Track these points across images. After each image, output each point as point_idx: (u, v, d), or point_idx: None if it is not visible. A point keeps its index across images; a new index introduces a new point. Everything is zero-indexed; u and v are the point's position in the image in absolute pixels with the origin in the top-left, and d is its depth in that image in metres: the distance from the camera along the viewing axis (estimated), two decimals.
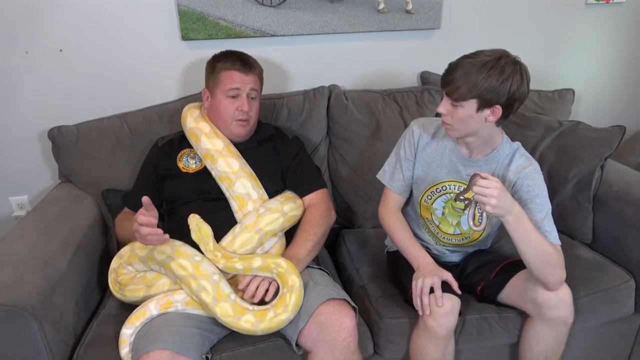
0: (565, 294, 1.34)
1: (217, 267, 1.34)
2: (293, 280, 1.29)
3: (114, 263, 1.46)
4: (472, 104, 1.26)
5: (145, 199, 1.27)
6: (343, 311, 1.27)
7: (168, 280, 1.35)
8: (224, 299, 1.27)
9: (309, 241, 1.46)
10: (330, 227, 1.56)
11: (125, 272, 1.43)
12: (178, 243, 1.35)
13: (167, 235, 1.29)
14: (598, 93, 2.32)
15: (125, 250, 1.46)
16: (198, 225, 1.38)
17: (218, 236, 1.41)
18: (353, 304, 1.32)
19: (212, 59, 1.57)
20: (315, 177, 1.63)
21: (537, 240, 1.26)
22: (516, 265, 1.42)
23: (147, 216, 1.27)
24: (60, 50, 1.75)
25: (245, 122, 1.53)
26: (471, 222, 1.35)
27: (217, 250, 1.36)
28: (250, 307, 1.28)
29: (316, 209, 1.53)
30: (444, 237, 1.52)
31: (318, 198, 1.57)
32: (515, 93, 1.24)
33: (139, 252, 1.40)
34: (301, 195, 1.56)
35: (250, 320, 1.25)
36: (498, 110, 1.26)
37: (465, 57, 1.27)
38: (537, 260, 1.27)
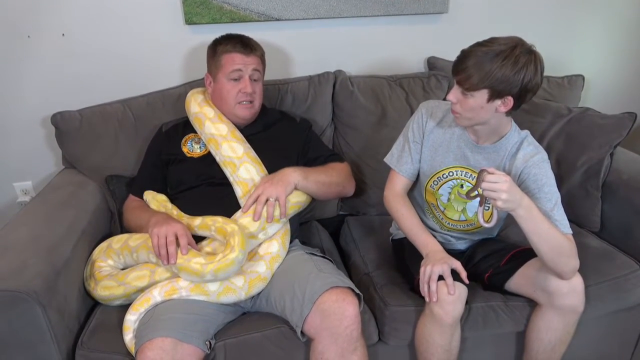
0: (577, 282, 1.33)
1: None
2: (232, 227, 1.32)
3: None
4: (483, 94, 1.23)
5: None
6: (346, 299, 1.26)
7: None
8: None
9: (321, 173, 1.50)
10: (344, 191, 1.60)
11: (106, 267, 1.44)
12: None
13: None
14: (608, 79, 2.28)
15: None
16: (153, 197, 1.52)
17: None
18: (358, 292, 1.31)
19: (212, 43, 1.56)
20: (334, 153, 1.70)
21: (549, 230, 1.24)
22: (526, 253, 1.41)
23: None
24: (63, 35, 1.73)
25: (249, 105, 1.52)
26: (482, 220, 1.30)
27: (175, 209, 1.47)
28: (203, 253, 1.32)
29: (339, 165, 1.60)
30: (448, 223, 1.51)
31: (342, 165, 1.63)
32: (529, 84, 1.21)
33: (131, 242, 1.41)
34: (324, 162, 1.60)
35: (200, 262, 1.27)
36: (509, 101, 1.24)
37: (478, 44, 1.22)
38: (550, 251, 1.25)
